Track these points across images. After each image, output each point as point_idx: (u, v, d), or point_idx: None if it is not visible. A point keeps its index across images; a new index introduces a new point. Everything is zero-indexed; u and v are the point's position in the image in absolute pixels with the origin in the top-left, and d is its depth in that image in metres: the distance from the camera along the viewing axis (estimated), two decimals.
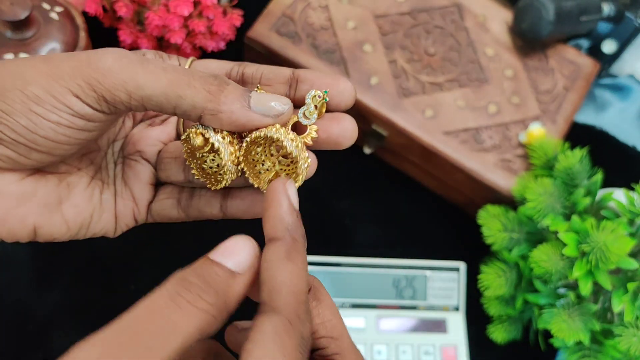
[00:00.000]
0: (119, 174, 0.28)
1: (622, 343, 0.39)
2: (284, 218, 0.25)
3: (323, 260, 0.47)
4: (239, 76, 0.27)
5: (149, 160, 0.29)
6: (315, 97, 0.25)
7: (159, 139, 0.29)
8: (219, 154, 0.25)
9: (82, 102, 0.23)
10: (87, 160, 0.27)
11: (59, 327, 0.45)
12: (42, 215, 0.26)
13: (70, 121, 0.24)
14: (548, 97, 0.50)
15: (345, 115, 0.27)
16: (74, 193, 0.27)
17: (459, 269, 0.49)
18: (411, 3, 0.51)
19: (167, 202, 0.29)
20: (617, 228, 0.38)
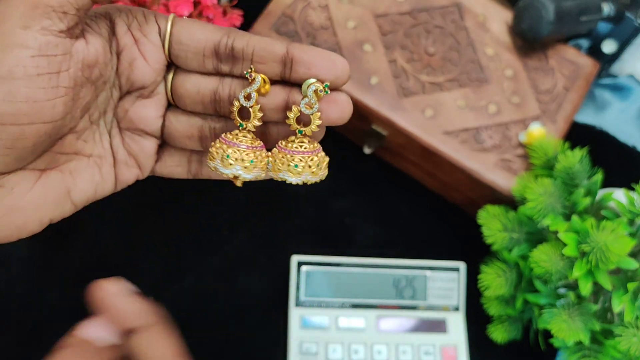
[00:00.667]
0: (119, 145, 0.28)
1: (622, 343, 0.39)
2: (128, 312, 0.28)
3: (323, 260, 0.47)
4: (228, 50, 0.26)
5: (152, 135, 0.29)
6: (317, 90, 0.26)
7: (157, 115, 0.28)
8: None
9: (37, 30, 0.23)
10: (81, 142, 0.27)
11: (58, 326, 0.45)
12: (56, 210, 0.27)
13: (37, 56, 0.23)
14: (548, 97, 0.50)
15: (341, 95, 0.27)
16: (79, 179, 0.27)
17: (459, 269, 0.49)
18: (411, 3, 0.51)
19: (177, 169, 0.30)
20: (617, 228, 0.38)
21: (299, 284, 0.47)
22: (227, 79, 0.27)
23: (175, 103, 0.28)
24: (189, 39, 0.26)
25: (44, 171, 0.26)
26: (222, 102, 0.27)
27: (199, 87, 0.27)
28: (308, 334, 0.46)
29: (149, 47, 0.26)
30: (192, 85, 0.27)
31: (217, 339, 0.47)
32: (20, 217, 0.26)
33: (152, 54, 0.27)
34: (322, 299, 0.47)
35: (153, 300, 0.47)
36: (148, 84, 0.27)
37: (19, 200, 0.25)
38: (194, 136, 0.29)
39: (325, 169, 0.27)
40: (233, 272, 0.49)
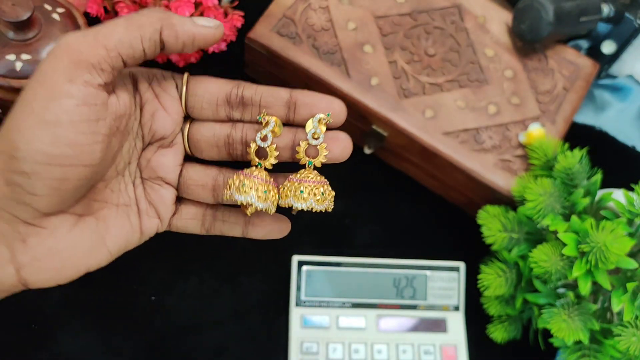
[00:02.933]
0: (141, 195, 0.31)
1: (622, 343, 0.39)
2: None
3: (324, 260, 0.47)
4: (238, 98, 0.30)
5: (171, 184, 0.31)
6: (321, 120, 0.29)
7: (176, 163, 0.31)
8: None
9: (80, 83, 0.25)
10: (109, 191, 0.30)
11: (63, 326, 0.45)
12: (92, 257, 0.29)
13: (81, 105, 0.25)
14: (548, 97, 0.51)
15: (341, 134, 0.30)
16: (111, 226, 0.29)
17: (459, 268, 0.49)
18: (411, 4, 0.52)
19: (191, 222, 0.32)
20: (616, 228, 0.38)
21: (299, 284, 0.47)
22: (238, 124, 0.30)
23: (192, 151, 0.31)
24: (204, 91, 0.30)
25: (80, 216, 0.28)
26: (235, 145, 0.30)
27: (214, 132, 0.30)
28: (309, 334, 0.46)
29: (168, 100, 0.30)
30: (208, 131, 0.30)
31: (218, 338, 0.47)
32: (59, 260, 0.28)
33: (171, 106, 0.30)
34: (322, 298, 0.47)
35: (156, 301, 0.47)
36: (168, 133, 0.30)
37: (59, 242, 0.27)
38: (208, 185, 0.31)
39: (331, 201, 0.30)
40: (234, 271, 0.49)
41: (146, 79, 0.30)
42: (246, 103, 0.29)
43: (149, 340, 0.46)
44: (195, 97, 0.30)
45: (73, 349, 0.45)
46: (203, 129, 0.31)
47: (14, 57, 0.42)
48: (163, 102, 0.30)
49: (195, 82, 0.30)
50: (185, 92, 0.30)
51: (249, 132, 0.30)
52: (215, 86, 0.30)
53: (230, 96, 0.29)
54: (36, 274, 0.27)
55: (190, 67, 0.53)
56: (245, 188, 0.28)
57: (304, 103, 0.29)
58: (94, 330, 0.45)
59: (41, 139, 0.24)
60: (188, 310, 0.47)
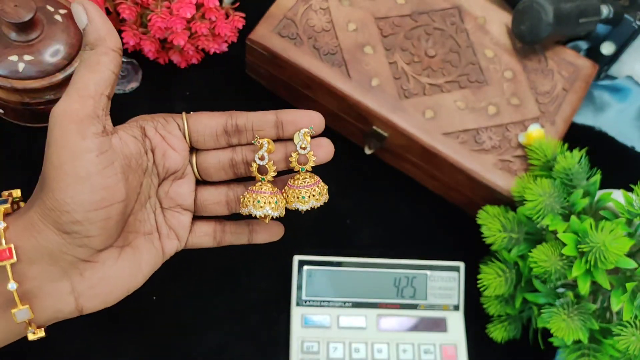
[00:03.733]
0: (162, 222, 0.35)
1: (621, 342, 0.39)
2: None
3: (324, 260, 0.47)
4: (233, 127, 0.34)
5: (188, 209, 0.36)
6: (305, 133, 0.34)
7: (190, 190, 0.36)
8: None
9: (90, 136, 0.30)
10: (138, 222, 0.34)
11: (62, 325, 0.46)
12: (132, 281, 0.34)
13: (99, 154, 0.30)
14: (547, 98, 0.51)
15: (324, 140, 0.35)
16: (144, 252, 0.34)
17: (459, 268, 0.49)
18: (411, 5, 0.52)
19: (205, 239, 0.37)
20: (615, 228, 0.38)
21: (300, 284, 0.47)
22: (238, 148, 0.35)
23: (202, 177, 0.36)
24: (203, 127, 0.34)
25: (122, 248, 0.33)
26: (238, 165, 0.35)
27: (219, 159, 0.35)
28: (309, 333, 0.46)
29: (174, 140, 0.34)
30: (213, 158, 0.35)
31: (219, 338, 0.47)
32: (108, 286, 0.32)
33: (177, 144, 0.34)
34: (323, 298, 0.47)
35: (156, 301, 0.47)
36: (179, 167, 0.35)
37: (108, 271, 0.32)
38: (222, 202, 0.36)
39: (325, 194, 0.35)
40: (235, 271, 0.49)
41: (151, 124, 0.34)
42: (241, 130, 0.34)
43: (149, 339, 0.46)
44: (197, 133, 0.34)
45: (73, 348, 0.45)
46: (209, 157, 0.35)
47: (16, 58, 0.42)
48: (170, 142, 0.34)
49: (194, 120, 0.34)
50: (187, 129, 0.34)
51: (247, 153, 0.35)
52: (211, 121, 0.34)
53: (227, 126, 0.34)
54: (91, 300, 0.32)
55: (191, 67, 0.53)
56: (261, 204, 0.34)
57: (288, 121, 0.34)
58: (94, 330, 0.46)
59: (83, 192, 0.29)
60: (188, 309, 0.47)
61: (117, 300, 0.34)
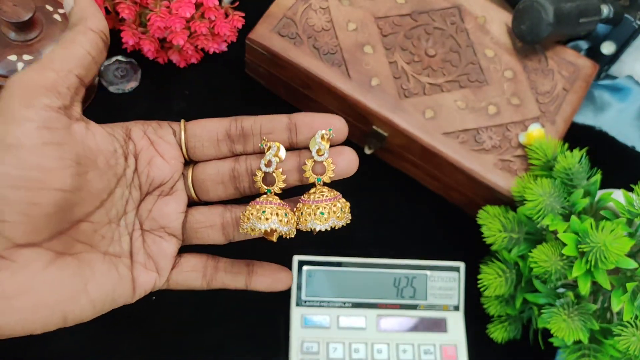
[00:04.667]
0: (140, 247, 0.30)
1: (621, 342, 0.39)
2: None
3: (324, 260, 0.47)
4: (238, 131, 0.30)
5: (174, 234, 0.30)
6: (323, 136, 0.29)
7: (178, 210, 0.30)
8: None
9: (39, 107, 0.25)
10: (98, 236, 0.28)
11: None
12: (70, 302, 0.27)
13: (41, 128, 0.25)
14: (547, 98, 0.51)
15: (346, 148, 0.30)
16: (96, 272, 0.28)
17: (459, 268, 0.49)
18: (411, 5, 0.52)
19: (192, 275, 0.31)
20: (616, 228, 0.38)
21: (300, 284, 0.47)
22: (242, 157, 0.30)
23: (197, 193, 0.31)
24: (202, 130, 0.30)
25: (60, 254, 0.27)
26: (241, 177, 0.30)
27: (218, 169, 0.30)
28: (309, 333, 0.46)
29: (164, 146, 0.30)
30: (211, 169, 0.30)
31: (219, 338, 0.47)
32: (31, 299, 0.25)
33: (168, 152, 0.30)
34: (323, 298, 0.47)
35: (155, 301, 0.47)
36: (167, 179, 0.30)
37: (32, 279, 0.25)
38: (216, 225, 0.31)
39: (349, 212, 0.30)
40: None
41: (140, 127, 0.30)
42: (247, 134, 0.30)
43: (148, 339, 0.46)
44: (195, 137, 0.30)
45: (71, 346, 0.45)
46: (207, 168, 0.31)
47: (15, 58, 0.42)
48: (159, 148, 0.30)
49: (193, 125, 0.30)
50: (183, 136, 0.30)
51: (253, 162, 0.30)
52: (213, 125, 0.30)
53: (230, 130, 0.30)
54: (6, 314, 0.25)
55: (191, 67, 0.53)
56: (266, 215, 0.28)
57: (304, 124, 0.29)
58: (93, 329, 0.45)
59: (5, 162, 0.24)
60: (188, 308, 0.47)
61: (47, 325, 0.26)
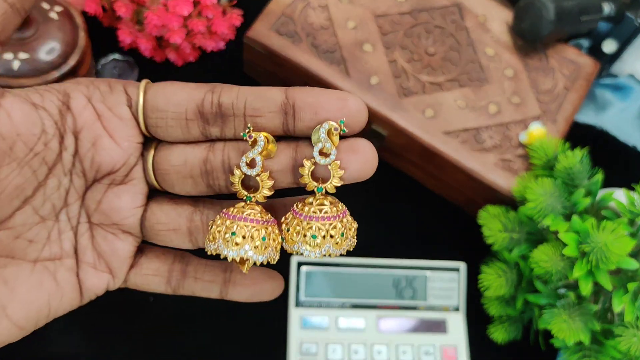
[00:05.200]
0: (87, 245, 0.24)
1: (623, 343, 0.39)
2: None
3: (323, 261, 0.47)
4: (214, 108, 0.21)
5: (130, 232, 0.24)
6: (331, 131, 0.21)
7: (134, 205, 0.23)
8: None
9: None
10: (23, 242, 0.22)
11: (57, 324, 0.45)
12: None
13: None
14: (548, 96, 0.50)
15: (362, 142, 0.22)
16: (19, 289, 0.22)
17: (459, 269, 0.49)
18: (411, 3, 0.51)
19: (154, 280, 0.25)
20: (617, 228, 0.38)
21: (298, 284, 0.47)
22: (218, 144, 0.23)
23: (160, 185, 0.24)
24: (166, 103, 0.22)
25: None
26: (216, 172, 0.23)
27: (186, 158, 0.23)
28: (308, 334, 0.46)
29: (115, 122, 0.22)
30: (178, 158, 0.23)
31: (217, 339, 0.47)
32: None
33: (120, 130, 0.22)
34: (322, 299, 0.47)
35: (153, 302, 0.47)
36: (118, 166, 0.23)
37: None
38: (182, 229, 0.24)
39: (353, 237, 0.22)
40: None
41: (83, 92, 0.22)
42: (226, 113, 0.21)
43: (145, 339, 0.46)
44: (157, 112, 0.22)
45: (68, 348, 0.45)
46: (172, 155, 0.23)
47: (11, 56, 0.41)
48: (108, 125, 0.22)
49: (155, 92, 0.22)
50: (141, 110, 0.22)
51: (232, 153, 0.22)
52: (181, 95, 0.22)
53: (204, 106, 0.21)
54: None
55: (188, 66, 0.52)
56: (236, 238, 0.21)
57: (306, 104, 0.21)
58: (90, 330, 0.45)
59: None
60: (185, 309, 0.47)
61: None
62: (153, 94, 0.22)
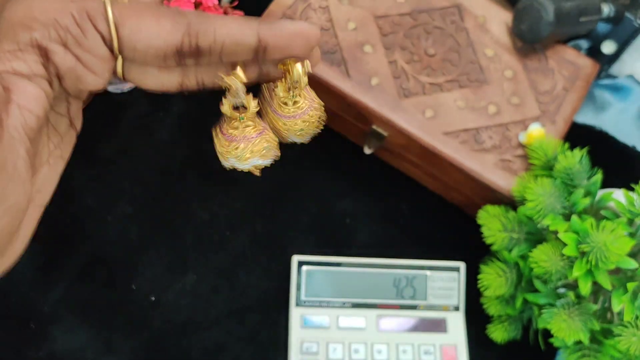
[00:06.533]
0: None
1: (622, 343, 0.39)
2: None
3: (323, 260, 0.47)
4: (192, 49, 0.23)
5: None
6: (303, 71, 0.25)
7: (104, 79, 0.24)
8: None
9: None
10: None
11: (61, 323, 0.45)
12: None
13: None
14: (548, 97, 0.51)
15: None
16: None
17: (459, 268, 0.49)
18: (411, 4, 0.51)
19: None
20: (616, 228, 0.38)
21: (299, 284, 0.47)
22: (191, 69, 0.25)
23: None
24: (145, 46, 0.23)
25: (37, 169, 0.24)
26: (191, 90, 0.25)
27: (162, 82, 0.25)
28: (309, 334, 0.46)
29: (94, 62, 0.23)
30: (153, 81, 0.25)
31: (218, 338, 0.47)
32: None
33: (99, 66, 0.23)
34: (322, 298, 0.47)
35: (155, 301, 0.47)
36: (100, 88, 0.24)
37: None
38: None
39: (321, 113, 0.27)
40: (234, 271, 0.49)
41: (58, 40, 0.22)
42: (202, 53, 0.24)
43: (147, 339, 0.46)
44: (135, 52, 0.23)
45: (71, 347, 0.45)
46: (147, 79, 0.25)
47: None
48: (88, 64, 0.23)
49: (132, 34, 0.23)
50: (116, 43, 0.23)
51: (205, 76, 0.25)
52: (159, 40, 0.23)
53: (182, 48, 0.23)
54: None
55: None
56: (246, 154, 0.25)
57: (276, 48, 0.24)
58: (93, 329, 0.45)
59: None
60: (186, 308, 0.47)
61: None
62: (128, 34, 0.23)
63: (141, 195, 0.50)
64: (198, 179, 0.51)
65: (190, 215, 0.50)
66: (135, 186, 0.50)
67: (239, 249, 0.49)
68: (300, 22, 0.25)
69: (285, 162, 0.32)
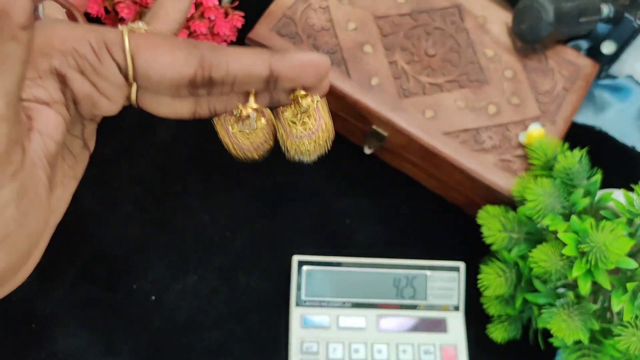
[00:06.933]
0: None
1: (621, 342, 0.39)
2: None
3: (324, 260, 0.47)
4: (205, 81, 0.24)
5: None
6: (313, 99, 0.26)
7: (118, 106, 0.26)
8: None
9: None
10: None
11: (61, 324, 0.45)
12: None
13: None
14: (548, 97, 0.51)
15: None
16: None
17: (459, 268, 0.49)
18: (411, 4, 0.52)
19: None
20: (616, 228, 0.38)
21: (299, 284, 0.47)
22: (204, 99, 0.26)
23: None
24: (159, 76, 0.24)
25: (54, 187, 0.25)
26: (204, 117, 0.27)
27: (175, 111, 0.26)
28: (309, 334, 0.46)
29: (109, 89, 0.24)
30: (166, 109, 0.26)
31: (219, 338, 0.47)
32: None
33: (114, 93, 0.24)
34: (322, 298, 0.47)
35: (155, 301, 0.47)
36: (114, 113, 0.25)
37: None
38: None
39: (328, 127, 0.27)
40: (235, 272, 0.49)
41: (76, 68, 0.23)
42: (215, 84, 0.24)
43: (147, 339, 0.46)
44: (149, 81, 0.24)
45: (72, 348, 0.45)
46: (159, 106, 0.26)
47: None
48: (104, 91, 0.24)
49: (147, 64, 0.23)
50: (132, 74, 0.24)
51: (218, 105, 0.26)
52: (172, 70, 0.23)
53: (196, 80, 0.24)
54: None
55: None
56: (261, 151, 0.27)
57: (288, 78, 0.25)
58: (93, 330, 0.45)
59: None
60: (187, 308, 0.47)
61: None
62: (144, 65, 0.24)
63: (142, 195, 0.50)
64: (199, 179, 0.51)
65: (191, 216, 0.50)
66: (136, 186, 0.50)
67: (239, 249, 0.49)
68: (310, 53, 0.25)
69: (285, 162, 0.32)
